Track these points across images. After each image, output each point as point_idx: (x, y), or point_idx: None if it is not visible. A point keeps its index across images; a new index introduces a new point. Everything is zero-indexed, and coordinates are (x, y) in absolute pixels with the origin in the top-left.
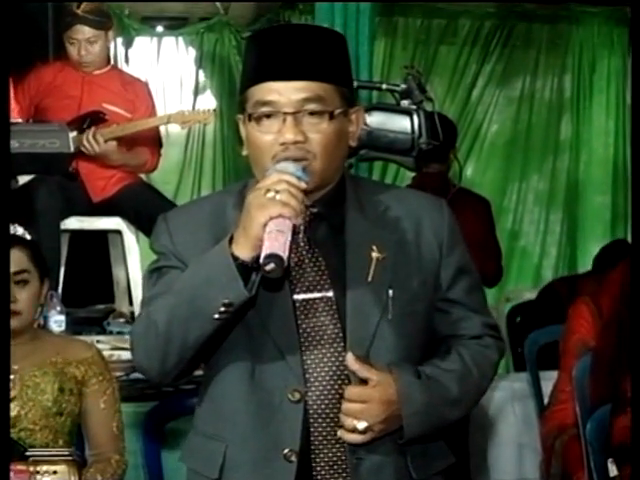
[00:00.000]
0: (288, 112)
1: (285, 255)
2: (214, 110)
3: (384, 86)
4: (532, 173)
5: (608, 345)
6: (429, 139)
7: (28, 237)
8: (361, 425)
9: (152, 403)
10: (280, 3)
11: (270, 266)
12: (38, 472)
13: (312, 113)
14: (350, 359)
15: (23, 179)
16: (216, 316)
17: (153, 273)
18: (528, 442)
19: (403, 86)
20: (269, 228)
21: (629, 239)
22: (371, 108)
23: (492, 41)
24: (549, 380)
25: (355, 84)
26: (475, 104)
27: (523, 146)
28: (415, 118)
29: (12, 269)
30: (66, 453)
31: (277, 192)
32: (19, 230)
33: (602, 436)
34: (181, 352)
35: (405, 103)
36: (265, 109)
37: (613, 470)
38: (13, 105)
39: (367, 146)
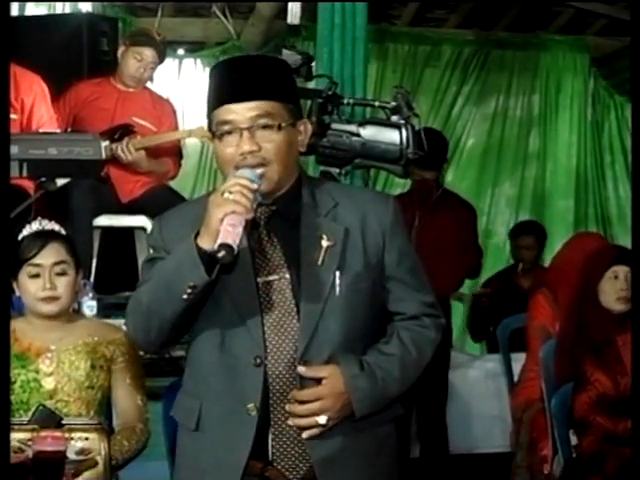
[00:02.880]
0: (243, 127)
1: (235, 244)
2: None
3: (376, 103)
4: (504, 180)
5: (570, 332)
6: (415, 150)
7: (63, 232)
8: (322, 419)
9: (171, 378)
10: (286, 30)
11: (221, 253)
12: (72, 438)
13: (264, 127)
14: (301, 369)
15: (61, 182)
16: (184, 297)
17: (147, 263)
18: (499, 415)
19: (393, 103)
20: (225, 222)
21: None
22: (365, 122)
23: (470, 65)
24: (518, 361)
25: (352, 101)
26: (455, 120)
27: (496, 157)
28: (403, 131)
29: (53, 260)
30: (96, 422)
31: (231, 193)
32: (55, 227)
33: (565, 410)
34: (160, 325)
35: (395, 118)
36: (225, 127)
37: (574, 439)
38: (54, 114)
39: (361, 155)
